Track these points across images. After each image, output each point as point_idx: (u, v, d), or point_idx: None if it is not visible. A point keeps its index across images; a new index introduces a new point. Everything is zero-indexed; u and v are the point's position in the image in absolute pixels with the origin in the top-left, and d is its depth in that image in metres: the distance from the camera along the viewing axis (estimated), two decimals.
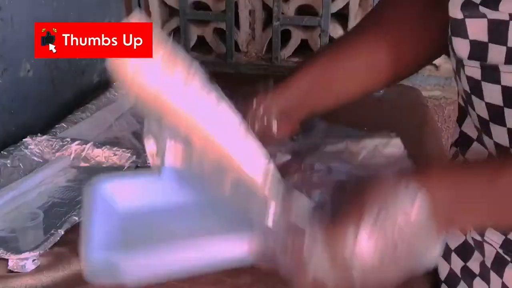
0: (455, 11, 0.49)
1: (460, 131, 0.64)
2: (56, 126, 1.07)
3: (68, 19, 1.24)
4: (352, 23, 1.54)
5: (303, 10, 1.56)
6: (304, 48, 1.58)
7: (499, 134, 0.52)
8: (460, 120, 0.64)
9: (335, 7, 1.52)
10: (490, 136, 0.53)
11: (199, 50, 1.65)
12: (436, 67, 1.55)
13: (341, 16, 1.58)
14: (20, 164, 0.95)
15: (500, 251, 0.57)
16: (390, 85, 0.67)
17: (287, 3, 1.53)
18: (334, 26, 1.56)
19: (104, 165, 0.98)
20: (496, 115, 0.51)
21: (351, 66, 0.63)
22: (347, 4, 1.53)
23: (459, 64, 0.53)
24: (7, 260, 0.72)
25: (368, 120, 1.18)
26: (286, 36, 1.57)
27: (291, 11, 1.53)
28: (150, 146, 0.57)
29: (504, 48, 0.47)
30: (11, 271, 0.72)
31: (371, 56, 0.63)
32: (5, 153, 0.95)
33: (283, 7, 1.51)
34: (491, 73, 0.49)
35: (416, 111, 1.23)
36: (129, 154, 0.98)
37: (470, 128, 0.61)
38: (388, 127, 1.15)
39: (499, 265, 0.58)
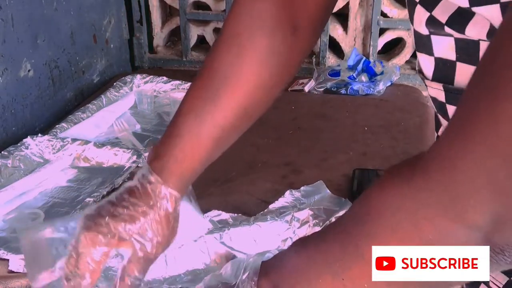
0: (420, 26, 0.44)
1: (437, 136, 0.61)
2: (57, 126, 1.07)
3: (68, 19, 1.24)
4: (352, 22, 1.54)
5: None
6: None
7: None
8: (436, 128, 0.61)
9: (335, 7, 1.51)
10: None
11: (199, 50, 1.65)
12: None
13: (341, 16, 1.57)
14: (21, 164, 0.95)
15: None
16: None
17: None
18: (334, 26, 1.56)
19: (104, 165, 0.98)
20: None
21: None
22: (347, 4, 1.53)
23: (423, 81, 0.49)
24: (8, 260, 0.72)
25: (368, 120, 1.18)
26: None
27: None
28: None
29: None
30: (11, 271, 0.72)
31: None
32: (5, 153, 0.95)
33: None
34: (456, 97, 0.44)
35: (416, 111, 1.23)
36: (129, 154, 0.98)
37: None
38: (388, 127, 1.16)
39: None
